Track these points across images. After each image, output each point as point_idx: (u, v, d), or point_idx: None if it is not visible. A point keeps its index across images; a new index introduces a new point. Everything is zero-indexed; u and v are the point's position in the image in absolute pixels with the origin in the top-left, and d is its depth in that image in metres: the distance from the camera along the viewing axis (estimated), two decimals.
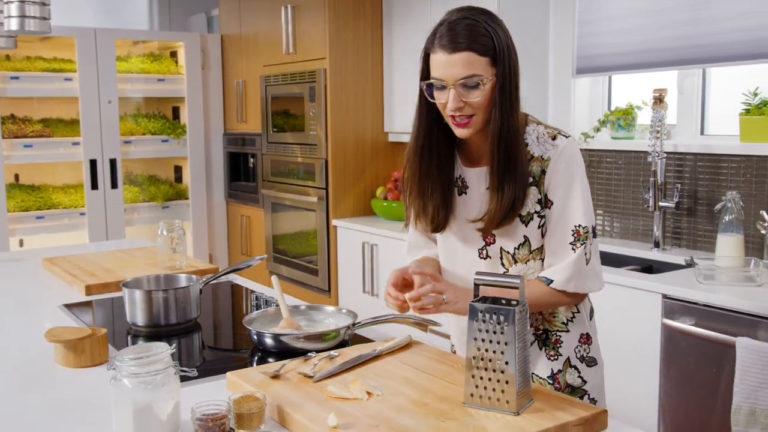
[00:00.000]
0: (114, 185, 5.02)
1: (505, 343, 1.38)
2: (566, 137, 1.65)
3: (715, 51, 3.09)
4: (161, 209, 5.39)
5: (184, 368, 1.51)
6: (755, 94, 2.96)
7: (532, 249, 1.67)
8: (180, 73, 5.40)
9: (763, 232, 2.78)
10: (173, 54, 5.58)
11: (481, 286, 1.45)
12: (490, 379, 1.39)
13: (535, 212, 1.65)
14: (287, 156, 4.69)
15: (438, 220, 1.73)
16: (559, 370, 1.69)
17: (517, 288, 1.41)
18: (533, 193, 1.64)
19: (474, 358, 1.41)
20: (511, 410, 1.37)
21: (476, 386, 1.41)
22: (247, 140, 5.19)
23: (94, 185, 4.97)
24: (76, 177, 5.15)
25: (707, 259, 2.74)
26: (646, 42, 3.33)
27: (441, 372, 1.60)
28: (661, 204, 3.18)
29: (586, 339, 1.73)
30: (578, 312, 1.71)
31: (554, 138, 1.64)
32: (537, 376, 1.70)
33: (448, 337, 1.99)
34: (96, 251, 3.20)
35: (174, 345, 1.42)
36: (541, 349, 1.71)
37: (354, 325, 1.92)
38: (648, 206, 3.21)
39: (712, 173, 3.10)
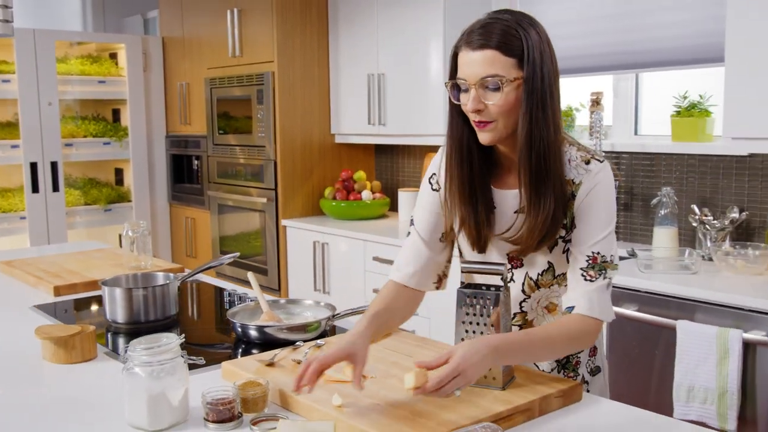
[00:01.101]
0: (55, 188, 4.96)
1: (491, 325, 1.51)
2: (600, 161, 1.55)
3: (648, 57, 3.32)
4: (103, 212, 5.35)
5: (192, 357, 1.59)
6: (684, 97, 3.20)
7: (556, 275, 1.60)
8: (121, 75, 5.37)
9: (694, 224, 3.01)
10: (113, 56, 5.54)
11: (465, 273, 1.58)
12: None
13: (560, 237, 1.56)
14: (234, 158, 4.74)
15: (482, 234, 1.60)
16: None
17: (501, 273, 1.54)
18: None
19: (462, 339, 1.54)
20: (497, 386, 1.50)
21: None
22: (191, 142, 5.21)
23: (35, 188, 4.90)
24: (15, 180, 5.06)
25: (646, 251, 2.96)
26: (584, 48, 3.54)
27: (425, 356, 1.72)
28: None
29: (593, 351, 1.72)
30: None
31: (588, 162, 1.54)
32: None
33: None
34: (56, 253, 3.19)
35: (183, 335, 1.50)
36: (559, 372, 1.67)
37: (334, 316, 2.02)
38: None
39: (647, 171, 3.33)
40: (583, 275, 1.53)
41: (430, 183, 1.71)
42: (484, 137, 1.53)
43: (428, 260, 1.70)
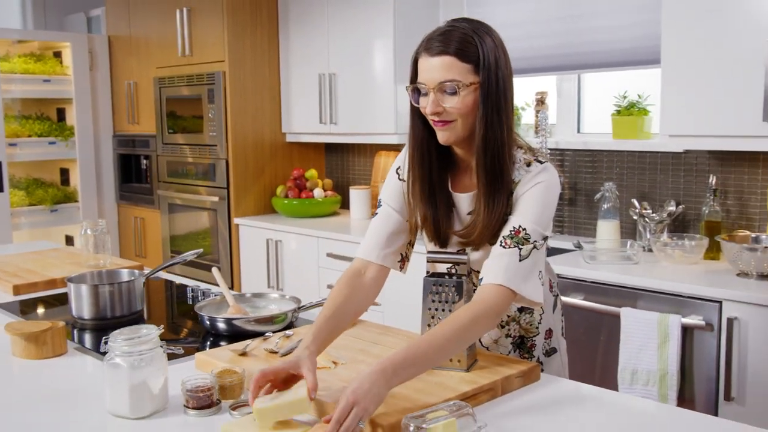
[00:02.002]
0: (0, 188, 4.88)
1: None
2: (541, 163, 1.62)
3: (589, 59, 3.48)
4: (50, 213, 5.28)
5: (170, 347, 1.64)
6: (624, 97, 3.36)
7: None
8: (66, 74, 5.31)
9: (635, 217, 3.18)
10: (57, 54, 5.47)
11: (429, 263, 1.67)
12: None
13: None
14: (184, 157, 4.75)
15: (441, 231, 1.68)
16: None
17: (465, 263, 1.64)
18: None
19: (429, 326, 1.63)
20: (462, 368, 1.60)
21: None
22: (140, 142, 5.18)
23: None
24: None
25: (590, 243, 3.11)
26: (530, 50, 3.68)
27: (390, 342, 1.81)
28: None
29: (548, 334, 1.83)
30: (544, 312, 1.81)
31: (529, 164, 1.61)
32: None
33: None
34: (9, 254, 3.16)
35: (162, 326, 1.55)
36: (515, 352, 1.79)
37: (300, 308, 2.09)
38: None
39: (589, 167, 3.49)
40: (501, 242, 1.58)
41: (397, 173, 1.79)
42: (442, 136, 1.61)
43: (395, 234, 1.73)
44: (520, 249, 1.56)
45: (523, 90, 3.87)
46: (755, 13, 2.62)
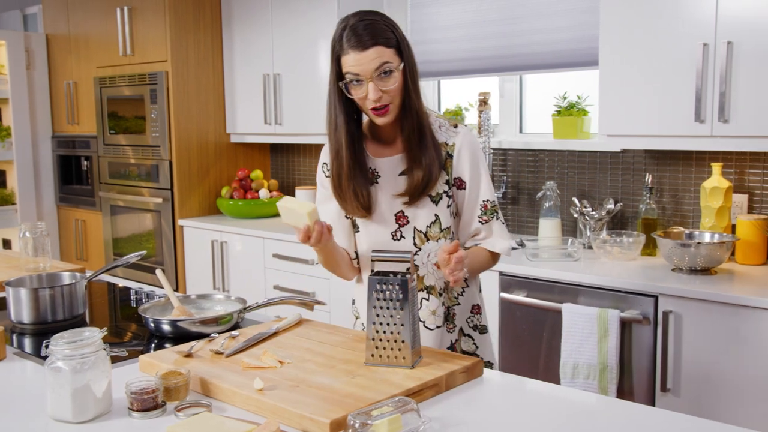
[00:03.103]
0: None
1: (401, 309, 1.64)
2: (465, 126, 1.91)
3: (530, 60, 3.55)
4: None
5: (114, 349, 1.62)
6: (564, 98, 3.44)
7: (442, 228, 1.88)
8: (2, 73, 5.17)
9: (575, 215, 3.26)
10: None
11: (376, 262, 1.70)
12: (388, 341, 1.65)
13: (444, 192, 1.87)
14: (126, 158, 4.68)
15: (368, 202, 1.88)
16: (456, 340, 1.95)
17: (408, 261, 1.67)
18: (442, 176, 1.86)
19: (374, 323, 1.65)
20: (407, 365, 1.63)
21: (376, 347, 1.65)
22: (80, 143, 5.08)
23: None
24: None
25: (533, 240, 3.17)
26: (471, 51, 3.74)
27: (336, 341, 1.83)
28: None
29: (477, 309, 1.99)
30: (467, 286, 1.97)
31: (455, 126, 1.89)
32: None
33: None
34: None
35: (105, 328, 1.54)
36: (443, 325, 1.94)
37: (246, 309, 2.09)
38: None
39: (531, 167, 3.56)
40: (479, 220, 1.91)
41: (323, 172, 1.97)
42: (383, 120, 1.80)
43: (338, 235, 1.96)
44: (496, 216, 1.91)
45: (467, 90, 3.93)
46: (689, 18, 2.71)
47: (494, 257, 1.94)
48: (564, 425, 1.43)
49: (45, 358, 1.53)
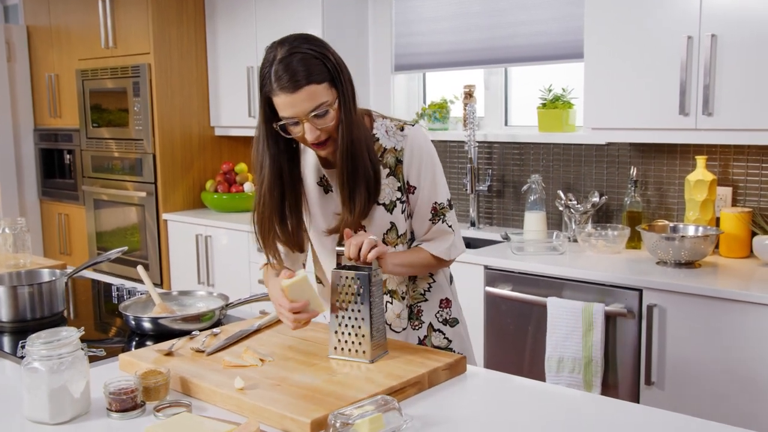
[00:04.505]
0: None
1: (362, 303, 1.63)
2: (412, 126, 1.81)
3: (515, 53, 3.53)
4: None
5: (92, 349, 1.60)
6: (549, 91, 3.43)
7: (399, 234, 1.83)
8: None
9: (561, 208, 3.25)
10: None
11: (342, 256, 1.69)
12: (350, 334, 1.65)
13: (397, 199, 1.80)
14: (109, 151, 4.63)
15: (299, 241, 1.83)
16: (425, 336, 1.93)
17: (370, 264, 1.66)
18: (392, 183, 1.79)
19: (336, 317, 1.65)
20: (366, 359, 1.62)
21: (338, 340, 1.66)
22: (62, 136, 5.03)
23: None
24: None
25: (518, 234, 3.16)
26: (456, 43, 3.72)
27: (318, 338, 1.81)
28: (475, 188, 3.59)
29: (446, 303, 1.95)
30: (435, 282, 1.93)
31: (402, 129, 1.79)
32: None
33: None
34: None
35: (82, 328, 1.51)
36: (408, 321, 1.91)
37: (228, 305, 2.07)
38: (466, 190, 3.61)
39: (516, 159, 3.55)
40: (431, 222, 1.84)
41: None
42: (326, 152, 1.73)
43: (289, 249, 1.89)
44: (442, 219, 1.83)
45: (452, 83, 3.91)
46: (674, 11, 2.70)
47: (439, 259, 1.85)
48: (549, 423, 1.42)
49: (23, 358, 1.50)
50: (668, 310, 2.52)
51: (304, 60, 1.59)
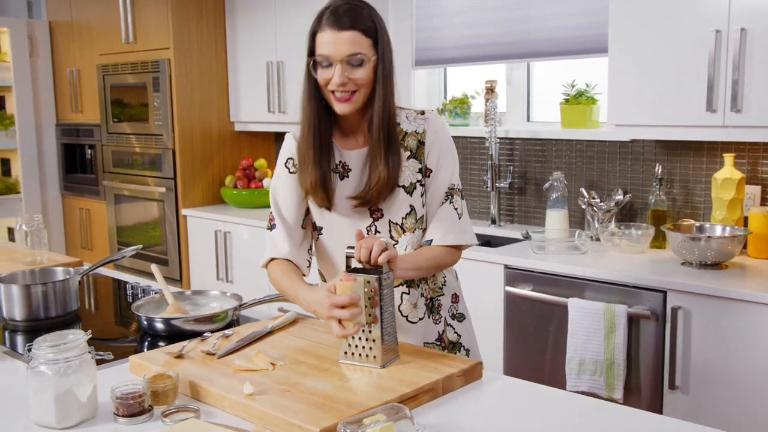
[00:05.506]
0: None
1: (372, 307, 1.59)
2: (432, 111, 1.87)
3: (538, 47, 3.46)
4: None
5: (99, 352, 1.58)
6: (572, 86, 3.36)
7: (417, 218, 1.82)
8: (5, 61, 5.13)
9: (583, 206, 3.19)
10: None
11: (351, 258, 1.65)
12: (360, 338, 1.61)
13: (417, 182, 1.81)
14: (130, 146, 4.63)
15: (324, 195, 1.81)
16: (443, 331, 1.91)
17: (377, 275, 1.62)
18: (413, 165, 1.80)
19: (364, 308, 1.60)
20: (377, 364, 1.58)
21: (349, 345, 1.62)
22: (84, 131, 5.04)
23: None
24: None
25: (539, 233, 3.10)
26: (478, 37, 3.65)
27: (332, 341, 1.77)
28: (496, 185, 3.53)
29: (455, 298, 1.94)
30: (447, 276, 1.92)
31: (422, 113, 1.84)
32: (427, 343, 1.87)
33: None
34: None
35: (89, 331, 1.49)
36: (429, 317, 1.88)
37: (241, 306, 2.04)
38: (486, 187, 3.55)
39: (538, 156, 3.48)
40: (441, 203, 1.82)
41: (287, 167, 1.88)
42: (344, 108, 1.73)
43: (296, 244, 1.87)
44: (452, 201, 1.82)
45: (473, 78, 3.85)
46: (702, 4, 2.62)
47: (447, 254, 1.82)
48: None
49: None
50: (693, 312, 2.45)
51: (356, 10, 1.70)
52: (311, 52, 1.73)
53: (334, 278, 1.63)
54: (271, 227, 1.89)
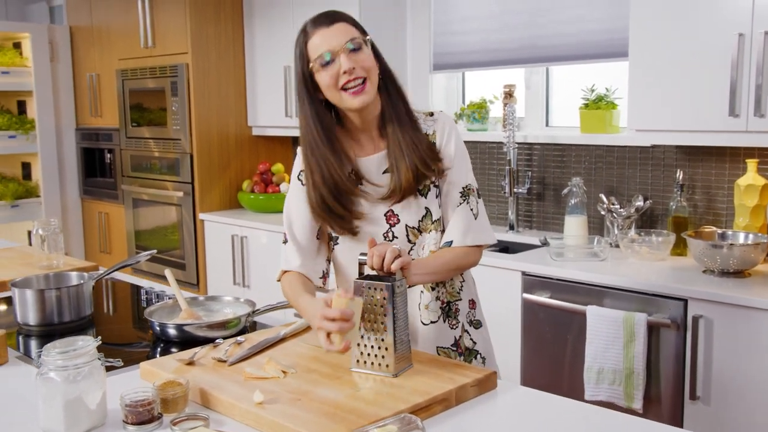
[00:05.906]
0: None
1: (385, 315, 1.56)
2: (441, 111, 1.86)
3: (557, 51, 3.42)
4: (10, 208, 5.16)
5: (109, 359, 1.57)
6: (592, 91, 3.32)
7: (433, 219, 1.79)
8: (26, 66, 5.17)
9: (603, 212, 3.14)
10: (17, 45, 5.33)
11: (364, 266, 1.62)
12: (372, 346, 1.58)
13: (431, 183, 1.78)
14: (148, 151, 4.65)
15: (351, 224, 1.78)
16: (460, 336, 1.87)
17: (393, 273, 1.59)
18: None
19: (359, 328, 1.58)
20: (390, 373, 1.56)
21: (361, 353, 1.59)
22: (103, 135, 5.07)
23: None
24: None
25: (557, 239, 3.06)
26: (496, 42, 3.62)
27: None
28: (514, 190, 3.49)
29: (472, 304, 1.90)
30: (464, 280, 1.88)
31: (431, 114, 1.84)
32: (441, 348, 1.84)
33: None
34: None
35: (99, 338, 1.48)
36: (444, 321, 1.84)
37: (254, 312, 2.02)
38: (504, 192, 3.52)
39: (557, 161, 3.44)
40: (459, 204, 1.80)
41: (300, 180, 1.84)
42: (359, 101, 1.70)
43: (310, 258, 1.85)
44: (468, 201, 1.80)
45: (491, 83, 3.82)
46: (723, 8, 2.57)
47: (464, 255, 1.79)
48: None
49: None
50: (715, 321, 2.40)
51: (334, 11, 1.75)
52: (306, 62, 1.73)
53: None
54: (285, 241, 1.87)
